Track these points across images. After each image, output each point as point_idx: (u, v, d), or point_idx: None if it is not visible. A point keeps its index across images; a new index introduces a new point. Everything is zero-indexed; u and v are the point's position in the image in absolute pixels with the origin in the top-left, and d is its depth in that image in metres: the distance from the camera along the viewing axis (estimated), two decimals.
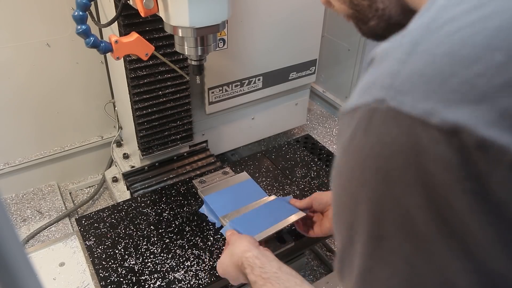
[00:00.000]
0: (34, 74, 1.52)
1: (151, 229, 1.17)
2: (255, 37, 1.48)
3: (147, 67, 1.27)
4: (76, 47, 1.53)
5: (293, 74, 1.68)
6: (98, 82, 1.66)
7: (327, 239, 1.54)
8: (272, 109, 1.75)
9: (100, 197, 1.80)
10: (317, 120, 2.18)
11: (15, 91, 1.52)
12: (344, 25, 2.00)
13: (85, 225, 1.17)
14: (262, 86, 1.61)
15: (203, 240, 1.14)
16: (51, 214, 1.63)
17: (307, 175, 1.37)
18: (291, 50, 1.61)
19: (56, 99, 1.61)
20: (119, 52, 1.02)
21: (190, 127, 1.48)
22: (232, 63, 1.49)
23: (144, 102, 1.33)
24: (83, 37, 0.95)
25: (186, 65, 1.30)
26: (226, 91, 1.53)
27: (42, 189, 1.74)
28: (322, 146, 1.52)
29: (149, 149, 1.44)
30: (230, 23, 1.38)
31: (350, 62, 2.04)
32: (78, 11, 0.92)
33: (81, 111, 1.69)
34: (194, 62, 1.06)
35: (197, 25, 0.93)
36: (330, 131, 2.11)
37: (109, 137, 1.78)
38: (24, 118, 1.59)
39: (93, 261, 1.07)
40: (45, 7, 1.43)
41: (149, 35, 1.21)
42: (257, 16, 1.45)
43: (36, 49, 1.48)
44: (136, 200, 1.26)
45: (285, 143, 1.53)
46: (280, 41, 1.55)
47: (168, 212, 1.22)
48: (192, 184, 1.32)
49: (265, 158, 1.45)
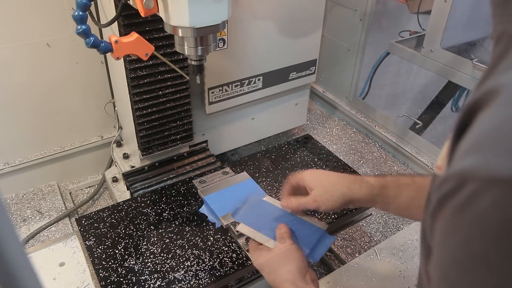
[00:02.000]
0: (34, 74, 1.52)
1: (151, 229, 1.17)
2: (255, 37, 1.48)
3: (147, 67, 1.27)
4: (76, 47, 1.53)
5: (293, 74, 1.68)
6: (98, 82, 1.66)
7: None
8: (272, 109, 1.75)
9: (100, 197, 1.80)
10: (317, 120, 2.18)
11: (15, 91, 1.52)
12: (344, 25, 2.00)
13: (85, 225, 1.17)
14: (262, 86, 1.61)
15: (203, 240, 1.14)
16: (51, 214, 1.63)
17: None
18: (291, 50, 1.61)
19: (56, 99, 1.61)
20: (119, 52, 1.02)
21: (190, 127, 1.48)
22: (232, 63, 1.49)
23: (144, 102, 1.33)
24: (83, 37, 0.95)
25: (186, 65, 1.30)
26: (226, 91, 1.53)
27: (42, 189, 1.74)
28: (322, 146, 1.52)
29: (149, 149, 1.44)
30: (230, 23, 1.38)
31: (350, 62, 2.04)
32: (78, 11, 0.92)
33: (81, 111, 1.69)
34: (194, 62, 1.06)
35: (197, 25, 0.93)
36: (330, 131, 2.11)
37: (109, 137, 1.78)
38: (24, 118, 1.59)
39: (93, 261, 1.07)
40: (45, 7, 1.43)
41: (149, 35, 1.21)
42: (257, 16, 1.44)
43: (36, 49, 1.48)
44: (136, 200, 1.26)
45: (285, 143, 1.53)
46: (280, 41, 1.55)
47: (168, 212, 1.22)
48: (192, 184, 1.32)
49: (265, 158, 1.45)
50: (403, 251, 1.26)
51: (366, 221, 1.62)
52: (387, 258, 1.23)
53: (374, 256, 1.23)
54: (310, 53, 1.68)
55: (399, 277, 1.17)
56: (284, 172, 1.38)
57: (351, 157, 1.93)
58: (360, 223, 1.62)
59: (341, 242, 1.55)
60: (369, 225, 1.62)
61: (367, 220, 1.62)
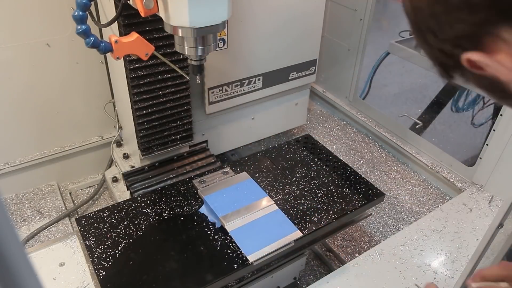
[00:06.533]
0: (34, 74, 1.52)
1: (151, 229, 1.17)
2: (255, 37, 1.48)
3: (147, 67, 1.27)
4: (76, 47, 1.53)
5: (293, 74, 1.68)
6: (98, 82, 1.66)
7: (327, 239, 1.54)
8: (272, 109, 1.75)
9: (100, 197, 1.80)
10: (317, 120, 2.18)
11: (15, 91, 1.52)
12: (344, 25, 2.00)
13: (85, 225, 1.17)
14: (262, 86, 1.61)
15: (203, 240, 1.13)
16: (51, 214, 1.63)
17: (307, 175, 1.37)
18: (291, 50, 1.61)
19: (56, 99, 1.61)
20: (119, 52, 1.02)
21: (190, 127, 1.48)
22: (232, 63, 1.49)
23: (144, 102, 1.33)
24: (83, 37, 0.95)
25: (186, 65, 1.30)
26: (226, 91, 1.53)
27: (42, 189, 1.74)
28: (322, 146, 1.52)
29: (149, 149, 1.44)
30: (230, 23, 1.38)
31: (350, 62, 2.04)
32: (78, 11, 0.92)
33: (81, 111, 1.69)
34: (194, 62, 1.06)
35: (197, 25, 0.93)
36: (330, 131, 2.11)
37: (109, 137, 1.78)
38: (24, 118, 1.59)
39: (93, 261, 1.07)
40: (45, 7, 1.43)
41: (149, 35, 1.21)
42: (257, 16, 1.44)
43: (36, 49, 1.48)
44: (136, 200, 1.26)
45: (285, 143, 1.53)
46: (280, 41, 1.55)
47: (168, 212, 1.22)
48: (192, 184, 1.32)
49: (265, 158, 1.45)
50: (403, 251, 1.26)
51: (366, 221, 1.62)
52: (387, 258, 1.23)
53: (374, 256, 1.23)
54: (310, 53, 1.68)
55: (399, 277, 1.17)
56: (284, 172, 1.38)
57: (351, 157, 1.93)
58: (360, 223, 1.62)
59: (341, 242, 1.55)
60: (369, 225, 1.62)
61: (367, 220, 1.62)
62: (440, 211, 1.43)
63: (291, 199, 1.27)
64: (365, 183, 1.33)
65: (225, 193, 1.25)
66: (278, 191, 1.30)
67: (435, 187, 1.76)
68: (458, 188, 1.63)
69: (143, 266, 1.06)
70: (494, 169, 1.52)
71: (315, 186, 1.33)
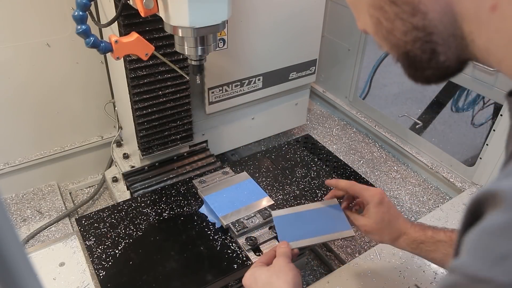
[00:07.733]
0: (34, 74, 1.52)
1: (151, 229, 1.17)
2: (255, 37, 1.48)
3: (147, 67, 1.27)
4: (76, 47, 1.53)
5: (293, 74, 1.68)
6: (98, 82, 1.66)
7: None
8: (272, 109, 1.75)
9: (100, 197, 1.80)
10: (317, 120, 2.18)
11: (15, 91, 1.52)
12: (344, 25, 2.00)
13: (85, 225, 1.17)
14: (262, 86, 1.61)
15: (203, 240, 1.14)
16: (51, 214, 1.63)
17: (307, 175, 1.37)
18: (291, 50, 1.61)
19: (56, 99, 1.61)
20: (119, 52, 1.02)
21: (190, 127, 1.48)
22: (232, 63, 1.49)
23: (144, 102, 1.33)
24: (83, 37, 0.95)
25: (186, 65, 1.30)
26: (226, 91, 1.53)
27: (42, 189, 1.74)
28: (322, 146, 1.52)
29: (149, 149, 1.44)
30: (230, 23, 1.38)
31: (350, 62, 2.04)
32: (78, 11, 0.92)
33: (81, 111, 1.69)
34: (194, 62, 1.06)
35: (197, 25, 0.93)
36: (330, 131, 2.11)
37: (109, 137, 1.78)
38: (24, 118, 1.59)
39: (93, 261, 1.07)
40: (45, 7, 1.43)
41: (149, 35, 1.21)
42: (257, 16, 1.45)
43: (36, 49, 1.48)
44: (136, 200, 1.26)
45: (285, 143, 1.53)
46: (280, 41, 1.55)
47: (168, 212, 1.22)
48: (192, 184, 1.32)
49: (265, 158, 1.45)
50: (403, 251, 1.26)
51: None
52: (387, 258, 1.23)
53: (374, 256, 1.23)
54: (310, 53, 1.68)
55: (399, 277, 1.17)
56: (284, 172, 1.38)
57: (351, 157, 1.93)
58: None
59: (341, 242, 1.55)
60: None
61: None
62: (440, 211, 1.43)
63: (291, 199, 1.27)
64: (365, 183, 1.33)
65: (225, 193, 1.25)
66: (278, 191, 1.30)
67: (435, 187, 1.76)
68: (458, 188, 1.63)
69: (143, 266, 1.06)
70: (494, 169, 1.52)
71: (315, 186, 1.33)
